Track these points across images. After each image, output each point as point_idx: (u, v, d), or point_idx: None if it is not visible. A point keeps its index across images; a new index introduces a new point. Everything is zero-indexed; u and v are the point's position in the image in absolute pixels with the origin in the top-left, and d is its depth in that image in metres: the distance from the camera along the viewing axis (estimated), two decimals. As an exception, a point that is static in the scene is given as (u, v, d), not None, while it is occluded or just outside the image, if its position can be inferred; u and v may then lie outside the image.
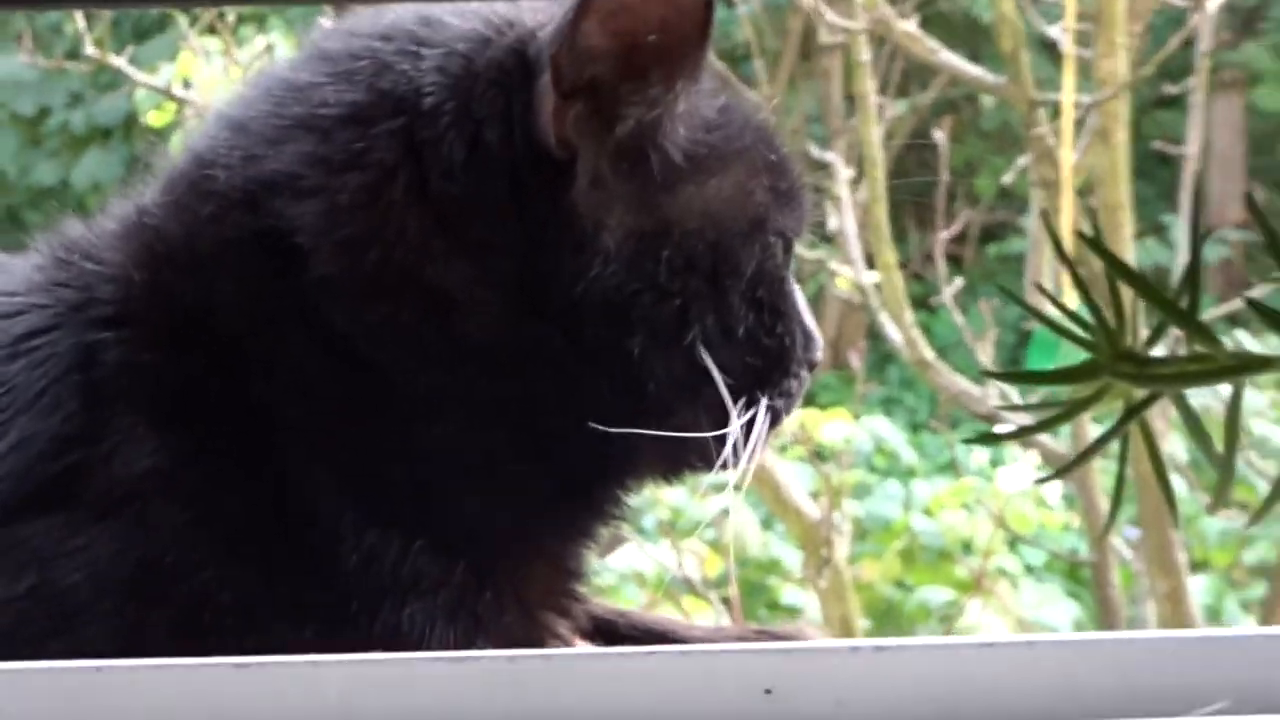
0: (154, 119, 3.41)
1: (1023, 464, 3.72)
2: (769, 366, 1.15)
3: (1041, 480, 4.04)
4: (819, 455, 3.56)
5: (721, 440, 1.13)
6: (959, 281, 3.76)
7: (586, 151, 1.09)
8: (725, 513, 1.21)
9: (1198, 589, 3.74)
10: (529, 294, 1.09)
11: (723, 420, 1.13)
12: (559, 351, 1.10)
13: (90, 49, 3.27)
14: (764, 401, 1.15)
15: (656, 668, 0.91)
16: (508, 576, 1.12)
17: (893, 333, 3.46)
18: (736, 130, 1.15)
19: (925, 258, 4.89)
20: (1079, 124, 3.41)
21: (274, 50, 3.36)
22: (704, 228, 1.12)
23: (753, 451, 1.14)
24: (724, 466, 1.14)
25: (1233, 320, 3.85)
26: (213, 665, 0.90)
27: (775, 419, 1.16)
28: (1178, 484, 3.58)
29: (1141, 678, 0.88)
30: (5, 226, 6.94)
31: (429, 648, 1.07)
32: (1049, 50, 3.71)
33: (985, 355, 3.60)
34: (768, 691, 0.89)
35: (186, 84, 3.28)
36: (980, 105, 6.85)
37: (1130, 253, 3.47)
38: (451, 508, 1.10)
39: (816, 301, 5.07)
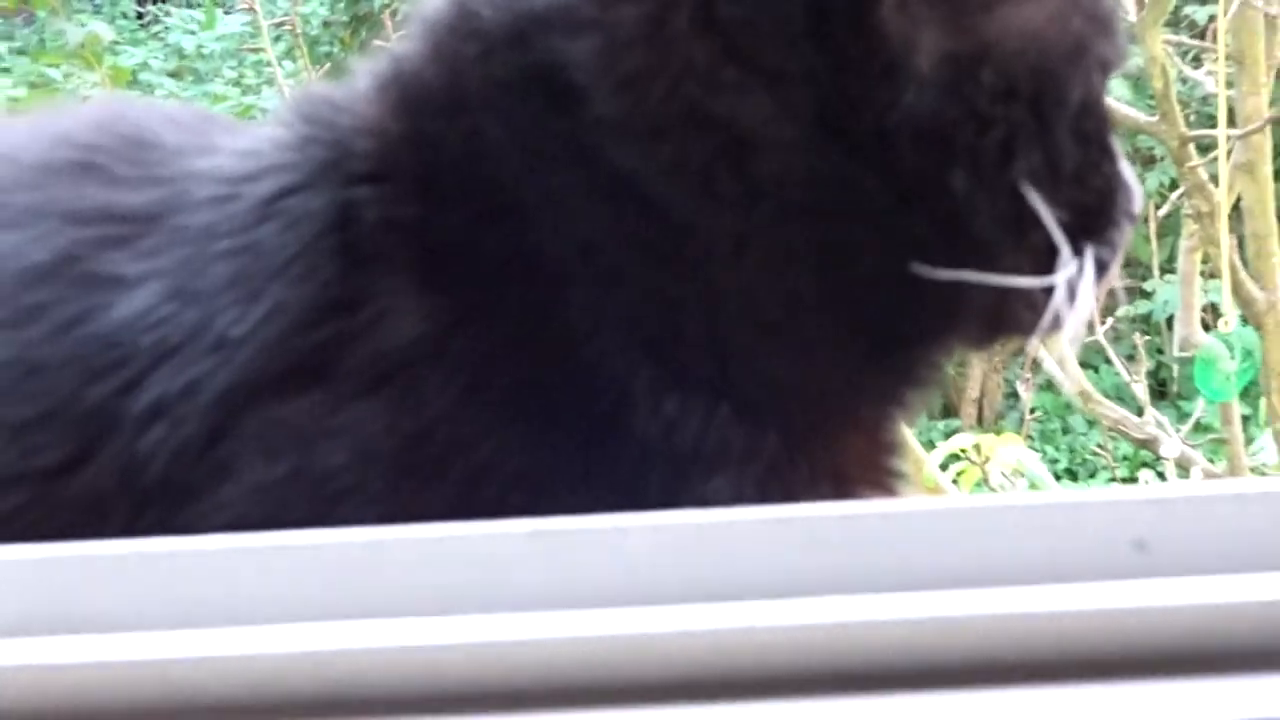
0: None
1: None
2: (1095, 210, 0.92)
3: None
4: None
5: (1047, 292, 0.90)
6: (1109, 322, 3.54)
7: None
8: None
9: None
10: (832, 126, 0.87)
11: (1046, 269, 0.90)
12: (869, 188, 0.87)
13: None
14: (1089, 250, 0.92)
15: (1014, 520, 0.70)
16: (821, 447, 0.90)
17: (1054, 370, 3.24)
18: None
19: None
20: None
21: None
22: (1025, 50, 0.88)
23: (1084, 304, 0.91)
24: (1051, 324, 0.91)
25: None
26: (505, 532, 0.70)
27: (1101, 271, 0.93)
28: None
29: None
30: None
31: None
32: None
33: (1141, 389, 3.39)
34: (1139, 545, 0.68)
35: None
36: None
37: (1278, 277, 3.26)
38: (756, 368, 0.88)
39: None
